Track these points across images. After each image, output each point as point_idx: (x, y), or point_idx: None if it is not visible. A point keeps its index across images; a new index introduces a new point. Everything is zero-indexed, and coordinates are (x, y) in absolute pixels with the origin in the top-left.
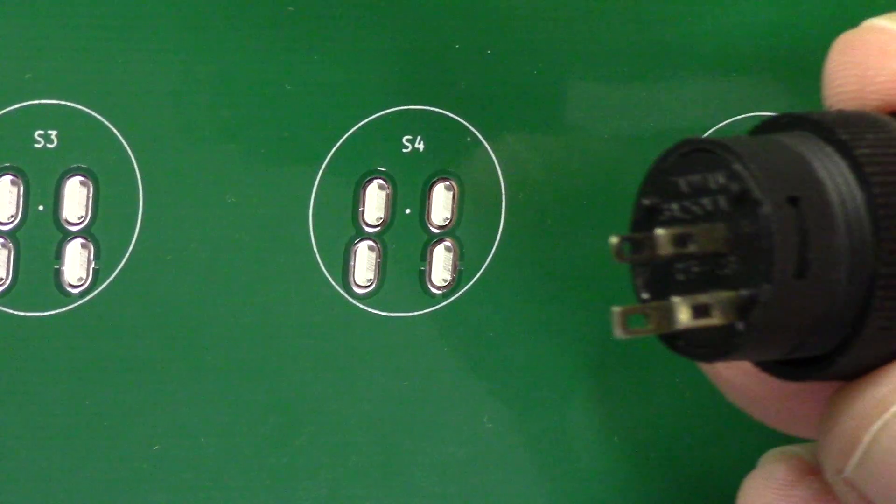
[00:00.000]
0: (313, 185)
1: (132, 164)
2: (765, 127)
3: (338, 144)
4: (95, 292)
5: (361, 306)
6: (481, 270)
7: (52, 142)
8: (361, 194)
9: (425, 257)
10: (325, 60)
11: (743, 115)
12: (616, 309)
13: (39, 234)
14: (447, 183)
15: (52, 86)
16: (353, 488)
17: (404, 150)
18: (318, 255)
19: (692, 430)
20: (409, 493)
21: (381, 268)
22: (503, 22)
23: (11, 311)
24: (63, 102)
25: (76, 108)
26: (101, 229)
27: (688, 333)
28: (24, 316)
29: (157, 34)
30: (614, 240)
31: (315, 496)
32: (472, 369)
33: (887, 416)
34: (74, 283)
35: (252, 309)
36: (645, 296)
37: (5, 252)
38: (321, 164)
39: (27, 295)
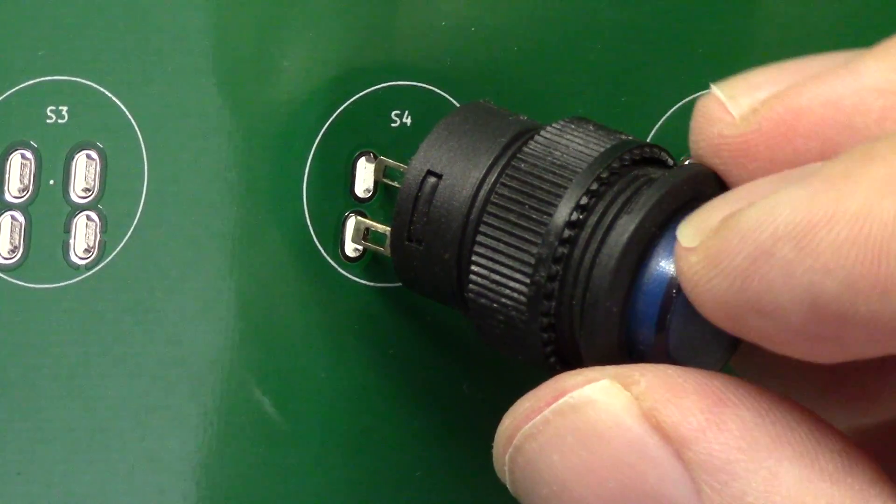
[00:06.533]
0: (307, 159)
1: (138, 140)
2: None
3: (331, 119)
4: (101, 265)
5: (351, 276)
6: None
7: (63, 117)
8: (352, 168)
9: None
10: (320, 38)
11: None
12: None
13: (50, 208)
14: None
15: (64, 63)
16: (338, 454)
17: (393, 125)
18: (311, 228)
19: None
20: (391, 458)
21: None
22: (486, 1)
23: (23, 284)
24: (74, 79)
25: (87, 85)
26: (108, 203)
27: None
28: (35, 288)
29: (164, 15)
30: None
31: (304, 462)
32: (452, 338)
33: (511, 449)
34: (82, 255)
35: (249, 279)
36: None
37: (18, 226)
38: (315, 139)
39: (37, 268)
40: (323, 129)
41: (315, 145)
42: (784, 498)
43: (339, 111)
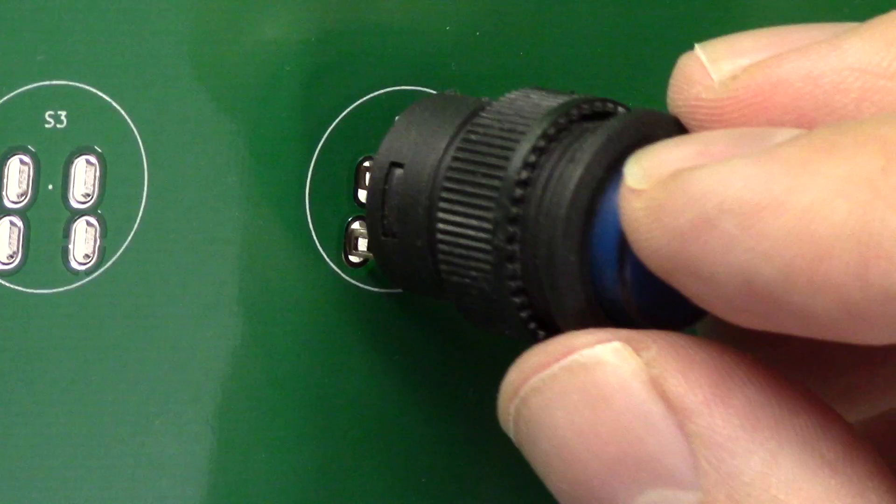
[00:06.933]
0: (310, 164)
1: (138, 145)
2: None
3: (333, 124)
4: (101, 270)
5: (355, 282)
6: None
7: (61, 122)
8: (356, 173)
9: None
10: (323, 42)
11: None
12: None
13: (49, 213)
14: None
15: (63, 67)
16: (342, 461)
17: None
18: (314, 233)
19: None
20: (396, 464)
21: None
22: (491, 5)
23: (22, 289)
24: (73, 83)
25: (85, 90)
26: (107, 208)
27: None
28: (34, 294)
29: (164, 19)
30: None
31: (307, 468)
32: (458, 344)
33: (516, 400)
34: (81, 261)
35: (251, 285)
36: None
37: (16, 231)
38: (318, 143)
39: (36, 273)
40: (326, 134)
41: (318, 150)
42: (780, 481)
43: (342, 116)
